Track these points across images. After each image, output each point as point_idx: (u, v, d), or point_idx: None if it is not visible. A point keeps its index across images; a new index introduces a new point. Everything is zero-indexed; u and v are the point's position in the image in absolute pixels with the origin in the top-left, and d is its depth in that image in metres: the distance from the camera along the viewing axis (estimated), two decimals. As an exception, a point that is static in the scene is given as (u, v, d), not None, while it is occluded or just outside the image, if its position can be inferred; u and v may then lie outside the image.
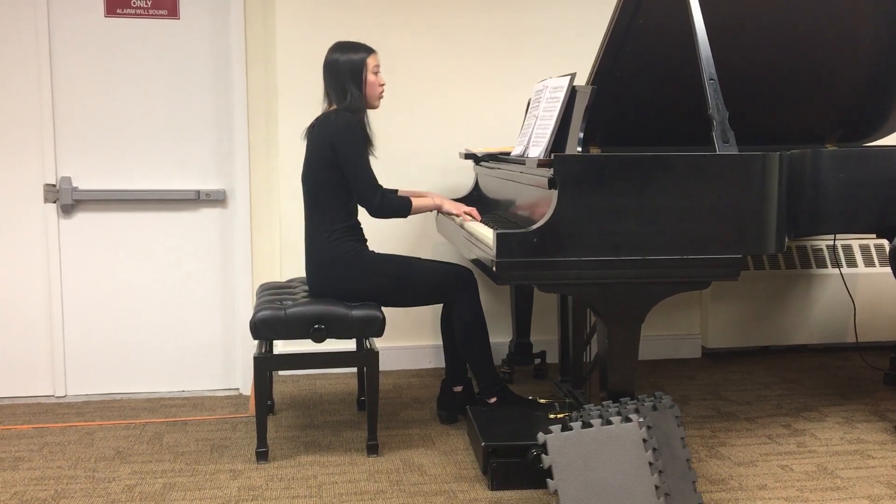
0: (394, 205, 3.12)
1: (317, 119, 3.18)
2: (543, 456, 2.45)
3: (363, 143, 3.09)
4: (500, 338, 4.06)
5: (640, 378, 3.18)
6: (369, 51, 3.18)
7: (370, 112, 3.22)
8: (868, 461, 3.01)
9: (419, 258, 3.30)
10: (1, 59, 3.68)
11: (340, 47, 3.18)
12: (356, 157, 3.06)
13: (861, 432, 3.28)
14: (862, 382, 3.92)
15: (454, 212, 3.24)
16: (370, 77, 3.16)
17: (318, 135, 3.12)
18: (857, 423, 3.38)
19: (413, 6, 4.02)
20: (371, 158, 3.18)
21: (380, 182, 3.12)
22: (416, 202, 3.16)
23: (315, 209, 3.15)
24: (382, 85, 3.22)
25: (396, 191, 3.32)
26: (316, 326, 3.01)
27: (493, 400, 3.19)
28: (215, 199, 3.88)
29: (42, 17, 3.67)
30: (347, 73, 3.13)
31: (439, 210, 3.27)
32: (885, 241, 4.34)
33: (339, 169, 3.08)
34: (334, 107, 3.17)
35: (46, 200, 3.75)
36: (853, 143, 3.75)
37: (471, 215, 3.19)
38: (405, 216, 3.17)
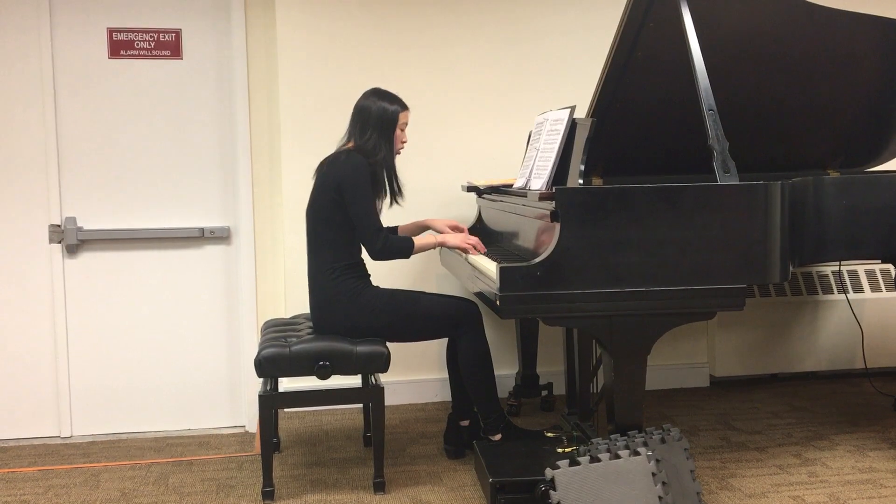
0: (395, 247, 3.12)
1: (328, 157, 3.20)
2: (552, 492, 2.43)
3: (369, 186, 3.09)
4: (506, 370, 4.05)
5: (647, 408, 3.16)
6: (404, 106, 3.21)
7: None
8: (881, 490, 2.98)
9: (423, 292, 3.30)
10: (6, 100, 3.72)
11: (378, 94, 3.21)
12: (361, 199, 3.06)
13: (873, 460, 3.25)
14: (872, 409, 3.89)
15: (460, 246, 3.24)
16: (396, 131, 3.18)
17: (326, 173, 3.14)
18: (868, 452, 3.34)
19: (414, 41, 4.06)
20: (392, 205, 3.24)
21: (382, 222, 3.13)
22: (418, 242, 3.17)
23: (318, 246, 3.16)
24: (404, 142, 3.25)
25: (397, 228, 3.33)
26: (321, 363, 3.00)
27: (497, 437, 3.16)
28: (219, 237, 3.89)
29: (46, 59, 3.72)
30: (377, 119, 3.15)
31: (443, 246, 3.28)
32: (890, 266, 4.32)
33: (343, 208, 3.08)
34: (350, 144, 3.18)
35: (52, 241, 3.77)
36: (855, 169, 3.75)
37: (475, 247, 3.20)
38: (407, 257, 3.18)
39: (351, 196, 3.06)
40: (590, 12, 4.15)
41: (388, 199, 3.25)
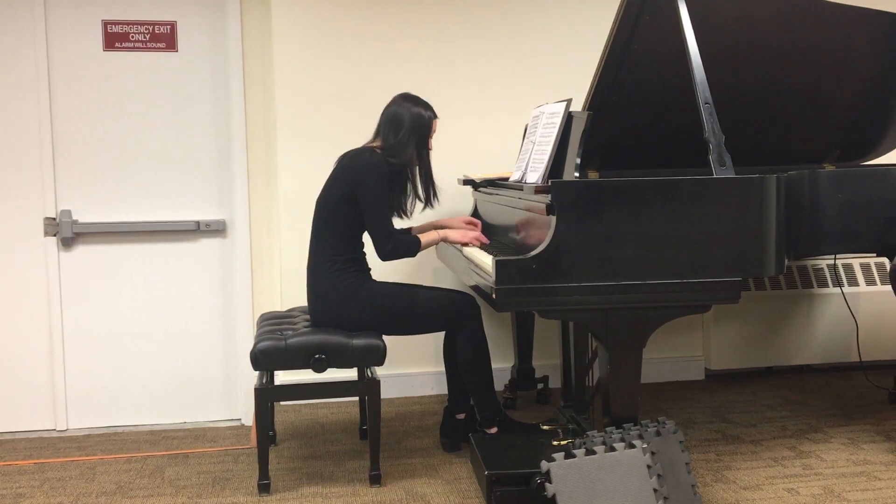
0: (402, 248, 3.12)
1: (351, 150, 3.20)
2: (547, 484, 2.43)
3: (384, 187, 3.08)
4: (502, 363, 4.05)
5: (643, 401, 3.17)
6: (435, 114, 3.21)
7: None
8: (875, 482, 2.99)
9: (421, 286, 3.30)
10: (1, 93, 3.70)
11: (410, 99, 3.20)
12: (374, 201, 3.05)
13: (867, 453, 3.26)
14: (866, 402, 3.90)
15: (461, 241, 3.25)
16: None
17: (343, 169, 3.14)
18: (862, 444, 3.35)
19: (410, 33, 4.05)
20: (424, 209, 3.28)
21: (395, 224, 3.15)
22: (423, 239, 3.18)
23: (322, 237, 3.16)
24: (431, 149, 3.24)
25: (410, 230, 3.34)
26: (316, 356, 3.00)
27: (493, 430, 3.17)
28: (215, 230, 3.89)
29: (41, 51, 3.70)
30: (411, 124, 3.13)
31: (445, 240, 3.30)
32: (885, 260, 4.33)
33: (352, 204, 3.08)
34: (377, 142, 3.17)
35: (47, 234, 3.76)
36: (851, 162, 3.75)
37: (478, 239, 3.23)
38: (414, 255, 3.18)
39: (364, 196, 3.05)
40: (587, 5, 4.14)
41: (420, 204, 3.28)
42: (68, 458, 3.43)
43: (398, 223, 3.34)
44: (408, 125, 3.13)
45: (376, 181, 3.05)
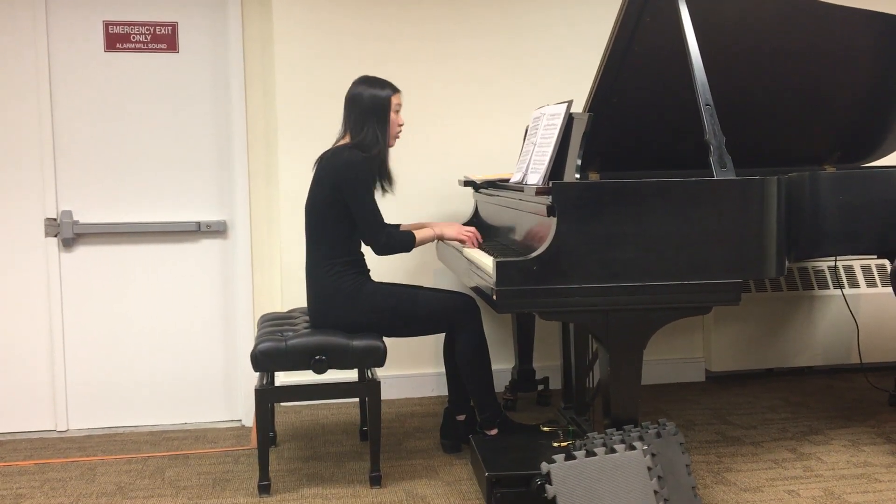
0: (397, 242, 3.13)
1: (327, 151, 3.18)
2: (547, 486, 2.43)
3: (368, 181, 3.08)
4: (502, 364, 4.05)
5: (643, 403, 3.17)
6: (394, 89, 3.18)
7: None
8: (875, 485, 2.99)
9: (421, 287, 3.30)
10: (1, 94, 3.70)
11: (367, 81, 3.18)
12: (361, 196, 3.05)
13: (867, 455, 3.26)
14: (867, 404, 3.90)
15: (457, 237, 3.25)
16: (391, 116, 3.16)
17: (324, 170, 3.13)
18: (863, 446, 3.35)
19: (411, 34, 4.05)
20: (387, 195, 3.23)
21: (385, 220, 3.13)
22: (419, 235, 3.17)
23: (316, 241, 3.15)
24: (401, 125, 3.21)
25: (399, 226, 3.33)
26: (317, 357, 3.00)
27: (493, 432, 3.17)
28: (216, 231, 3.89)
29: (42, 52, 3.71)
30: (370, 107, 3.11)
31: (441, 238, 3.29)
32: (885, 261, 4.33)
33: (341, 205, 3.07)
34: (347, 138, 3.16)
35: (47, 234, 3.76)
36: (852, 164, 3.75)
37: (475, 237, 3.23)
38: (409, 251, 3.17)
39: (351, 194, 3.04)
40: (587, 5, 4.14)
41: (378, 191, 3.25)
42: (69, 459, 3.43)
43: (386, 206, 3.31)
44: (367, 109, 3.11)
45: (359, 177, 3.04)
